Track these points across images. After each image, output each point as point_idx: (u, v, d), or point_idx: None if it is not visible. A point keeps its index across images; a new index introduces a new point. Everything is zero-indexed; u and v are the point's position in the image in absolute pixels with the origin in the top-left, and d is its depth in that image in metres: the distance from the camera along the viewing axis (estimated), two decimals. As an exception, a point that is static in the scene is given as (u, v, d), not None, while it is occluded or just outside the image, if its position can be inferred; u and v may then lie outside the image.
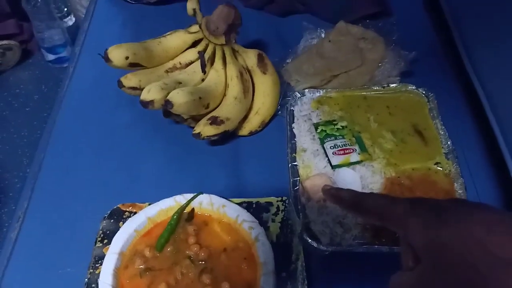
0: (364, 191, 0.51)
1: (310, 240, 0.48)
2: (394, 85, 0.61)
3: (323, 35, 0.69)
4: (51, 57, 1.46)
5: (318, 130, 0.56)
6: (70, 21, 1.55)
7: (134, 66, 0.57)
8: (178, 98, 0.52)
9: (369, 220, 0.40)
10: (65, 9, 1.52)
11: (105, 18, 0.81)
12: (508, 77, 0.55)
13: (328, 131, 0.56)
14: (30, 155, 1.17)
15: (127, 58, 0.56)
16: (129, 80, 0.57)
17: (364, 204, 0.35)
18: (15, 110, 1.37)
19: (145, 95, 0.53)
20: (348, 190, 0.39)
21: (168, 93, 0.53)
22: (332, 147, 0.54)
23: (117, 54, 0.55)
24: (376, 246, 0.47)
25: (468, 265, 0.25)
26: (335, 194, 0.40)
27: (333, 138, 0.55)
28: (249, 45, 0.62)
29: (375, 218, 0.34)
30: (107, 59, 0.55)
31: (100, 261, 0.49)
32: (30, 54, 1.53)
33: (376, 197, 0.36)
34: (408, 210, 0.30)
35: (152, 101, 0.53)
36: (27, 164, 1.15)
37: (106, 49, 0.55)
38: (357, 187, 0.52)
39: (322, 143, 0.55)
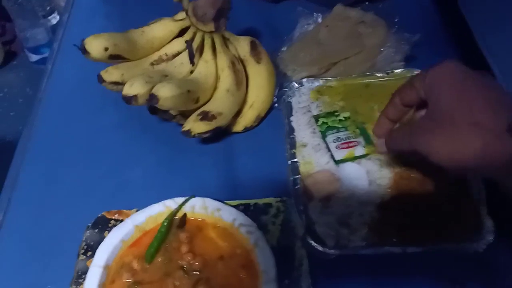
0: (371, 187, 0.47)
1: (314, 243, 0.44)
2: (398, 70, 0.56)
3: (319, 20, 0.64)
4: (35, 57, 1.40)
5: (319, 123, 0.52)
6: (54, 19, 1.49)
7: (115, 58, 0.52)
8: (164, 91, 0.47)
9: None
10: (48, 7, 1.46)
11: (86, 10, 0.76)
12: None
13: (329, 123, 0.51)
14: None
15: (106, 49, 0.51)
16: (110, 74, 0.52)
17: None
18: (-1, 115, 1.32)
19: (128, 90, 0.48)
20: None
21: (153, 87, 0.48)
22: (334, 141, 0.50)
23: (96, 45, 0.50)
24: (386, 247, 0.43)
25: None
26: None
27: (335, 130, 0.50)
28: (240, 33, 0.57)
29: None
30: (84, 50, 0.50)
31: (83, 276, 0.45)
32: (14, 55, 1.47)
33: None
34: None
35: (135, 96, 0.48)
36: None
37: (83, 39, 0.50)
38: (363, 183, 0.47)
39: (324, 136, 0.50)
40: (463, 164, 0.34)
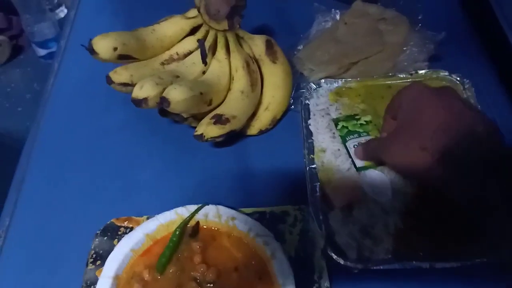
0: (395, 195, 0.44)
1: (334, 256, 0.41)
2: (423, 71, 0.53)
3: (337, 17, 0.61)
4: (42, 52, 1.38)
5: (339, 127, 0.49)
6: (62, 12, 1.46)
7: (125, 58, 0.50)
8: (176, 94, 0.45)
9: None
10: (56, 0, 1.44)
11: (94, 7, 0.74)
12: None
13: (350, 128, 0.48)
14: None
15: (115, 49, 0.48)
16: (119, 75, 0.49)
17: None
18: (6, 111, 1.30)
19: (137, 92, 0.46)
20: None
21: (164, 89, 0.46)
22: (356, 146, 0.47)
23: (104, 45, 0.48)
24: (413, 262, 0.40)
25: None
26: None
27: (356, 135, 0.48)
28: (254, 32, 0.54)
29: None
30: (92, 50, 0.48)
31: (92, 286, 0.43)
32: (21, 50, 1.45)
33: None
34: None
35: (145, 99, 0.46)
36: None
37: (91, 39, 0.48)
38: (387, 192, 0.45)
39: (344, 141, 0.48)
40: (412, 176, 0.43)
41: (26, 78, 1.39)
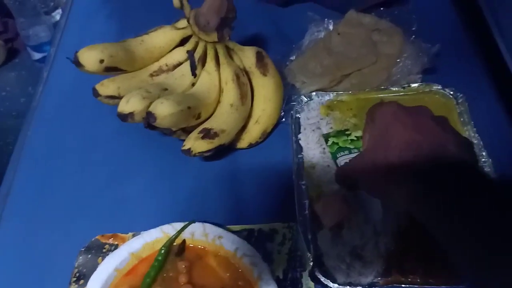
0: (387, 214, 0.43)
1: (323, 278, 0.40)
2: (416, 85, 0.52)
3: (331, 27, 0.60)
4: (37, 55, 1.37)
5: (329, 143, 0.48)
6: (58, 15, 1.44)
7: (112, 70, 0.49)
8: (162, 109, 0.44)
9: None
10: (52, 3, 1.42)
11: (85, 13, 0.73)
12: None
13: (340, 144, 0.47)
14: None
15: (102, 61, 0.47)
16: (106, 87, 0.48)
17: None
18: (1, 116, 1.29)
19: (124, 107, 0.45)
20: None
21: (151, 103, 0.45)
22: (346, 164, 0.46)
23: (90, 57, 0.47)
24: (404, 286, 0.39)
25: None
26: None
27: (347, 152, 0.47)
28: (245, 42, 0.53)
29: None
30: (77, 63, 0.47)
31: (74, 308, 0.42)
32: (16, 53, 1.44)
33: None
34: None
35: (131, 114, 0.45)
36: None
37: (76, 51, 0.47)
38: (378, 210, 0.43)
39: (335, 158, 0.47)
40: (379, 197, 0.41)
41: (21, 82, 1.37)
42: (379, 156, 0.36)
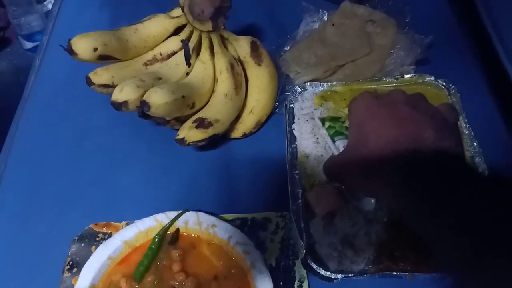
0: (379, 204, 0.43)
1: (315, 266, 0.41)
2: (408, 76, 0.52)
3: (325, 18, 0.60)
4: (29, 45, 1.36)
5: (326, 126, 0.48)
6: (50, 4, 1.43)
7: (106, 59, 0.49)
8: (156, 98, 0.44)
9: None
10: (44, -8, 1.40)
11: (78, 2, 0.72)
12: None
13: (337, 128, 0.47)
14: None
15: (95, 49, 0.47)
16: (100, 76, 0.48)
17: None
18: (-9, 105, 1.28)
19: (117, 95, 0.45)
20: None
21: (145, 92, 0.45)
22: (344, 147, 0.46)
23: (84, 45, 0.46)
24: (394, 273, 0.40)
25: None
26: None
27: (343, 137, 0.46)
28: (240, 32, 0.53)
29: None
30: (71, 51, 0.46)
31: (68, 295, 0.42)
32: (8, 42, 1.43)
33: None
34: None
35: (125, 102, 0.45)
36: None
37: (70, 39, 0.46)
38: (370, 200, 0.44)
39: (333, 141, 0.46)
40: (362, 193, 0.41)
41: (12, 72, 1.36)
42: (358, 153, 0.36)
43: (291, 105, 0.52)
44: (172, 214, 0.45)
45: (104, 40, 0.48)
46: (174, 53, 0.52)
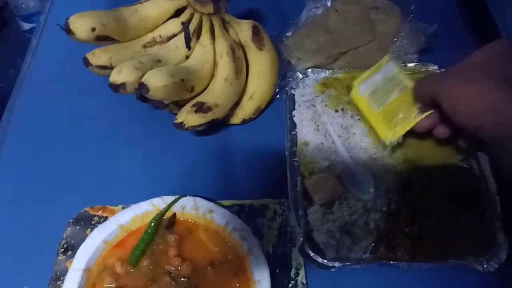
0: (377, 192, 0.43)
1: (312, 254, 0.40)
2: (412, 64, 0.52)
3: (328, 4, 0.59)
4: (26, 26, 1.34)
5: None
6: (48, -15, 1.41)
7: (104, 39, 0.48)
8: (155, 80, 0.43)
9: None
10: (42, -27, 1.38)
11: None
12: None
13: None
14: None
15: (93, 29, 0.46)
16: (97, 57, 0.47)
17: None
18: (-12, 87, 1.26)
19: (115, 77, 0.44)
20: None
21: (143, 74, 0.44)
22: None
23: (81, 25, 0.45)
24: (391, 262, 0.40)
25: None
26: None
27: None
28: (241, 16, 0.52)
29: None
30: (68, 30, 0.45)
31: (62, 278, 0.42)
32: (4, 24, 1.40)
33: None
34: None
35: (123, 84, 0.44)
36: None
37: (67, 18, 0.45)
38: (369, 189, 0.43)
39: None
40: (471, 115, 0.35)
41: (9, 53, 1.34)
42: (489, 75, 0.35)
43: (292, 92, 0.51)
44: (169, 198, 0.44)
45: (102, 20, 0.47)
46: (174, 35, 0.51)
